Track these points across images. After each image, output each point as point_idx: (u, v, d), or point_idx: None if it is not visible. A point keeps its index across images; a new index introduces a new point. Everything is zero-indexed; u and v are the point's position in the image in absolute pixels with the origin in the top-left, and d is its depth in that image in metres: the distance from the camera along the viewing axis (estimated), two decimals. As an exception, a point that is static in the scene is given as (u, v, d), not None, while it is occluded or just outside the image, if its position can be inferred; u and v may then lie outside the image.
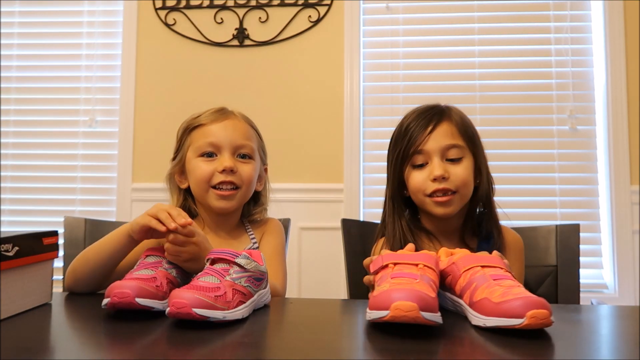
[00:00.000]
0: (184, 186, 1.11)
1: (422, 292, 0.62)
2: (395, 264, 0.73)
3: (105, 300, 0.70)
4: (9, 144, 2.22)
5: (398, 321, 0.60)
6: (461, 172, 1.02)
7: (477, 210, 1.09)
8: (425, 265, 0.72)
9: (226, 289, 0.68)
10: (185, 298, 0.64)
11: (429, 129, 1.03)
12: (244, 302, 0.71)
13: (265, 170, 1.17)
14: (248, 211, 1.16)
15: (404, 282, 0.67)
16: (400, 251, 0.78)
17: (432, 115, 1.05)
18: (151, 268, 0.78)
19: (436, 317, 0.62)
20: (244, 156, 1.08)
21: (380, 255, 0.77)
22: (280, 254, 1.13)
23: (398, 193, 1.09)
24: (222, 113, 1.11)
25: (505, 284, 0.68)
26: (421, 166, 1.04)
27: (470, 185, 1.04)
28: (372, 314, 0.63)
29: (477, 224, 1.09)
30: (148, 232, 0.88)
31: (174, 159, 1.13)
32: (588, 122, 2.06)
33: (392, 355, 0.59)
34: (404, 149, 1.05)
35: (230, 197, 1.06)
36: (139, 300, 0.69)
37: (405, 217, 1.09)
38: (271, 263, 1.06)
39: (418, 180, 1.04)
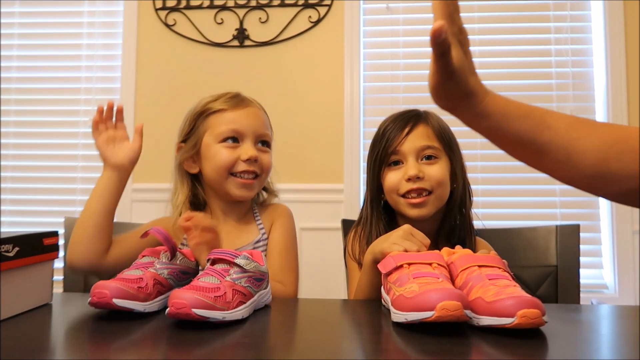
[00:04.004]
0: (194, 171, 1.09)
1: (458, 290, 0.63)
2: (409, 264, 0.73)
3: (89, 299, 0.71)
4: (9, 144, 2.22)
5: (442, 321, 0.60)
6: (436, 171, 1.02)
7: (454, 217, 1.09)
8: (438, 264, 0.73)
9: (226, 290, 0.68)
10: (184, 298, 0.64)
11: (406, 130, 1.04)
12: (245, 303, 0.71)
13: None
14: (258, 198, 1.16)
15: (431, 282, 0.67)
16: (408, 252, 0.78)
17: (409, 117, 1.06)
18: (141, 268, 0.77)
19: (474, 317, 0.64)
20: (264, 143, 1.09)
21: (389, 256, 0.77)
22: (291, 249, 1.11)
23: (377, 197, 1.09)
24: (241, 100, 1.10)
25: (500, 284, 0.68)
26: (397, 166, 1.04)
27: (446, 186, 1.04)
28: (413, 315, 0.63)
29: (451, 230, 1.09)
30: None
31: (182, 142, 1.10)
32: (588, 122, 2.06)
33: (391, 355, 0.59)
34: (381, 151, 1.05)
35: (252, 185, 1.06)
36: (116, 301, 0.68)
37: (383, 220, 1.09)
38: (281, 259, 1.05)
39: (393, 180, 1.04)
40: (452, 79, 0.60)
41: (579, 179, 0.62)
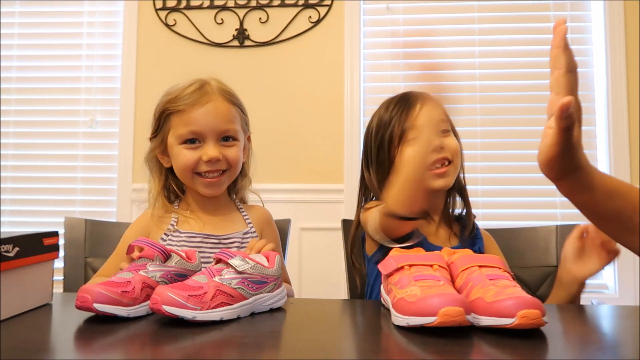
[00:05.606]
0: (168, 165, 1.09)
1: (460, 295, 0.63)
2: (410, 265, 0.73)
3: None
4: (9, 144, 2.22)
5: (444, 326, 0.60)
6: (453, 142, 1.06)
7: (454, 196, 1.12)
8: (439, 266, 0.73)
9: (208, 289, 0.68)
10: (159, 295, 0.65)
11: (418, 106, 1.05)
12: (229, 305, 0.69)
13: (249, 138, 1.14)
14: (234, 183, 1.14)
15: (433, 286, 0.67)
16: (408, 251, 0.78)
17: (415, 96, 1.08)
18: (133, 271, 0.76)
19: (474, 318, 0.64)
20: (227, 138, 1.05)
21: (390, 256, 0.77)
22: (280, 250, 1.15)
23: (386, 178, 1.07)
24: (202, 94, 1.05)
25: (500, 284, 0.68)
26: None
27: (460, 157, 1.07)
28: (414, 320, 0.62)
29: (451, 211, 1.12)
30: None
31: (153, 137, 1.10)
32: (588, 122, 2.06)
33: (391, 355, 0.59)
34: (393, 131, 1.05)
35: (218, 183, 1.05)
36: (97, 305, 0.68)
37: None
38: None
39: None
40: (569, 152, 0.62)
41: None
